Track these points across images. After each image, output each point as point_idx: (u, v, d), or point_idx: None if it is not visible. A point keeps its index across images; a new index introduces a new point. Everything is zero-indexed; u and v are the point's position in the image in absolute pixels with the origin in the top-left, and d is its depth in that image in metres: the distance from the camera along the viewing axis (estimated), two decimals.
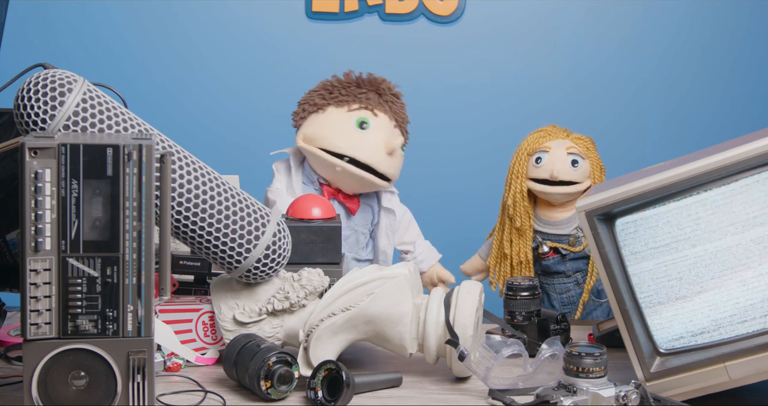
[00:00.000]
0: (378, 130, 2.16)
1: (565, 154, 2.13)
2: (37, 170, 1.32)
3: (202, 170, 1.61)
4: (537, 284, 1.85)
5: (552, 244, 2.18)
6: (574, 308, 2.19)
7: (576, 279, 2.20)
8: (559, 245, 2.17)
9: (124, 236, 1.35)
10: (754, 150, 1.41)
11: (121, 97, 1.74)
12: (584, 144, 2.17)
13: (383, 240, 2.23)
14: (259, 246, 1.63)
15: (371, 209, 2.25)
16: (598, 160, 2.17)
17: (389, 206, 2.24)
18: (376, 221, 2.24)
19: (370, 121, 2.16)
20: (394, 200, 2.27)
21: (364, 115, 2.16)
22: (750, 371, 1.43)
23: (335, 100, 2.18)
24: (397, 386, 1.64)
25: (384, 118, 2.18)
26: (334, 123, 2.16)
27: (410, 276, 1.66)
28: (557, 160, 2.13)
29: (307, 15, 3.42)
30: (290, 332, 1.71)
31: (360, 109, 2.17)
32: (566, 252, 2.17)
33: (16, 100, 1.50)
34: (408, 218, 2.32)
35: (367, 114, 2.16)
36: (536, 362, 1.57)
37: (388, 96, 2.20)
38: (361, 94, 2.18)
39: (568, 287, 2.22)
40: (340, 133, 2.14)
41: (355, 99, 2.18)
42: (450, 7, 3.40)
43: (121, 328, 1.36)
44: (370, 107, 2.17)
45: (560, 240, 2.18)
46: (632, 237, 1.50)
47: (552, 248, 2.18)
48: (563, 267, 2.20)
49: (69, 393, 1.35)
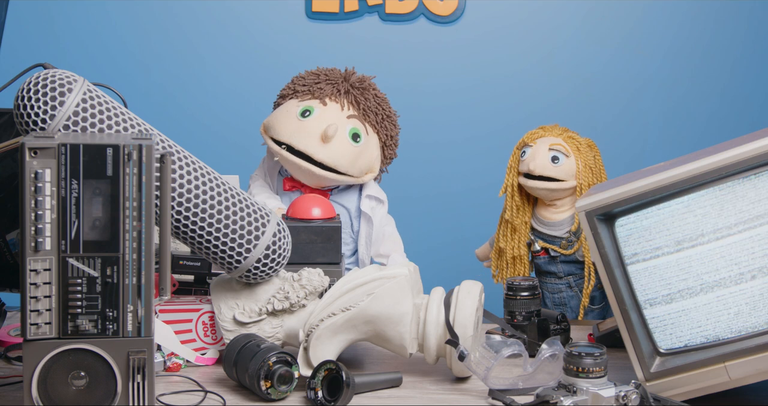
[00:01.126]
0: (319, 118, 2.11)
1: (547, 150, 2.14)
2: (37, 170, 1.32)
3: (202, 170, 1.61)
4: (537, 284, 1.86)
5: (543, 244, 2.19)
6: (566, 310, 2.20)
7: (568, 282, 2.21)
8: (550, 246, 2.19)
9: (124, 236, 1.35)
10: (754, 150, 1.41)
11: (121, 97, 1.74)
12: (575, 144, 2.15)
13: (361, 248, 2.18)
14: (259, 246, 1.63)
15: (347, 212, 2.18)
16: (590, 160, 2.15)
17: (368, 213, 2.17)
18: (357, 228, 2.19)
19: (314, 109, 2.12)
20: (378, 209, 2.20)
21: (310, 105, 2.13)
22: (750, 371, 1.43)
23: (296, 92, 2.17)
24: (397, 386, 1.64)
25: (334, 107, 2.13)
26: (282, 113, 2.15)
27: (410, 276, 1.66)
28: (538, 154, 2.14)
29: (307, 15, 3.42)
30: (290, 332, 1.71)
31: (310, 99, 2.15)
32: (556, 254, 2.19)
33: (16, 100, 1.50)
34: (389, 231, 2.24)
35: (314, 103, 2.13)
36: (536, 362, 1.57)
37: (347, 85, 2.16)
38: (316, 84, 2.16)
39: (559, 287, 2.23)
40: (283, 122, 2.13)
41: (308, 91, 2.16)
42: (450, 7, 3.40)
43: (121, 328, 1.36)
44: (320, 97, 2.14)
45: (552, 241, 2.19)
46: (632, 237, 1.50)
47: (543, 247, 2.20)
48: (554, 268, 2.21)
49: (69, 393, 1.35)
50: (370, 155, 2.17)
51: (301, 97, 2.16)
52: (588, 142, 2.19)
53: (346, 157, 2.11)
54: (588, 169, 2.15)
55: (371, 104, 2.16)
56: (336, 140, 2.10)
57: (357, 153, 2.13)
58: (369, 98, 2.16)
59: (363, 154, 2.14)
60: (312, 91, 2.15)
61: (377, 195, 2.20)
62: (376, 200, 2.20)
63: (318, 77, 2.18)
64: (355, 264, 2.20)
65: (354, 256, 2.21)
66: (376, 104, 2.17)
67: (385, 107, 2.19)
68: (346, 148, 2.11)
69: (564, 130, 2.21)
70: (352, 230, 2.19)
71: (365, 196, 2.18)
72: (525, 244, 2.20)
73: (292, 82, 2.21)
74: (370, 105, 2.16)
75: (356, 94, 2.15)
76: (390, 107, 2.21)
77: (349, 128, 2.12)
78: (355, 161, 2.13)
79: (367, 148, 2.15)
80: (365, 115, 2.16)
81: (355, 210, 2.19)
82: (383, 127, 2.18)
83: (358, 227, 2.18)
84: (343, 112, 2.14)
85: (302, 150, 2.09)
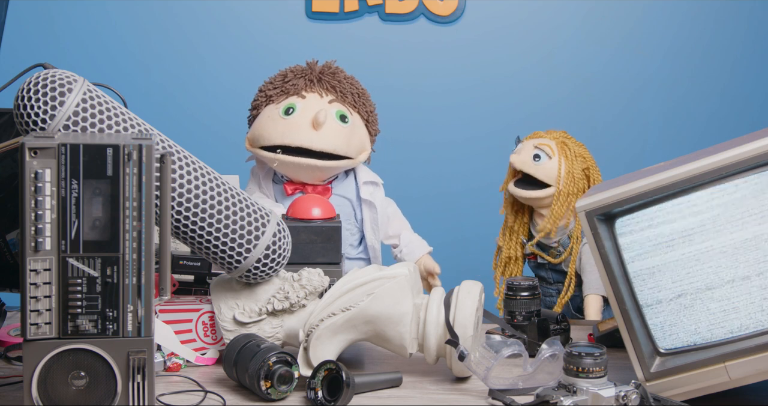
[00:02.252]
0: (303, 111, 2.14)
1: (532, 148, 2.16)
2: (37, 170, 1.32)
3: (202, 170, 1.61)
4: (537, 284, 1.86)
5: (533, 249, 2.22)
6: None
7: (558, 288, 2.24)
8: (539, 252, 2.22)
9: (124, 236, 1.35)
10: (754, 150, 1.41)
11: (121, 97, 1.74)
12: (565, 149, 2.15)
13: (369, 235, 2.21)
14: (259, 246, 1.63)
15: (349, 202, 2.22)
16: (575, 169, 2.14)
17: (369, 199, 2.21)
18: (360, 216, 2.22)
19: (296, 105, 2.15)
20: (376, 193, 2.23)
21: (290, 102, 2.16)
22: (750, 371, 1.43)
23: (269, 98, 2.20)
24: (397, 386, 1.64)
25: (313, 97, 2.17)
26: (264, 120, 2.17)
27: (410, 276, 1.66)
28: (522, 150, 2.17)
29: (307, 15, 3.42)
30: (290, 332, 1.71)
31: (287, 98, 2.17)
32: (543, 261, 2.22)
33: (16, 100, 1.50)
34: (392, 211, 2.29)
35: (293, 100, 2.16)
36: (536, 362, 1.57)
37: (317, 74, 2.19)
38: (287, 83, 2.19)
39: (550, 292, 2.26)
40: (269, 128, 2.15)
41: (282, 91, 2.18)
42: (450, 7, 3.41)
43: (121, 328, 1.36)
44: (296, 92, 2.17)
45: (543, 249, 2.21)
46: (632, 237, 1.50)
47: (532, 252, 2.23)
48: (543, 274, 2.25)
49: (69, 393, 1.35)
50: (360, 133, 2.21)
51: (277, 100, 2.19)
52: (583, 154, 2.17)
53: (341, 139, 2.14)
54: (570, 177, 2.13)
55: (345, 86, 2.21)
56: (327, 125, 2.13)
57: (349, 133, 2.17)
58: (341, 81, 2.21)
59: (354, 133, 2.19)
60: (286, 90, 2.18)
61: (372, 179, 2.25)
62: (373, 185, 2.24)
63: (285, 77, 2.21)
64: (364, 252, 2.23)
65: (361, 245, 2.22)
66: (349, 85, 2.21)
67: (357, 86, 2.24)
68: (339, 130, 2.15)
69: (563, 134, 2.21)
70: (356, 219, 2.22)
71: (362, 184, 2.22)
72: (521, 244, 2.23)
73: (260, 91, 2.24)
74: (344, 87, 2.20)
75: (329, 80, 2.20)
76: (361, 85, 2.25)
77: (335, 111, 2.16)
78: (349, 141, 2.16)
79: (355, 127, 2.20)
80: (344, 97, 2.20)
81: (356, 199, 2.22)
82: (362, 105, 2.23)
83: (361, 214, 2.21)
84: (323, 99, 2.18)
85: (299, 145, 2.12)
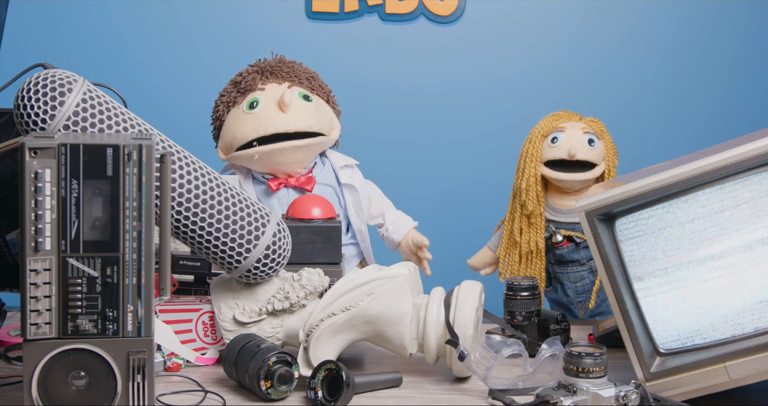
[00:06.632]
0: (267, 101, 2.16)
1: (582, 133, 2.13)
2: (37, 170, 1.32)
3: (202, 170, 1.61)
4: (537, 283, 1.85)
5: (566, 232, 2.15)
6: (589, 296, 2.17)
7: (590, 267, 2.17)
8: (573, 233, 2.15)
9: (124, 236, 1.35)
10: (754, 150, 1.41)
11: (121, 97, 1.74)
12: (598, 126, 2.16)
13: (354, 219, 2.22)
14: (259, 246, 1.63)
15: (332, 189, 2.22)
16: (611, 142, 2.17)
17: (348, 182, 2.22)
18: (344, 202, 2.23)
19: (259, 98, 2.16)
20: (354, 176, 2.25)
21: (251, 98, 2.17)
22: (750, 371, 1.43)
23: (227, 103, 2.21)
24: (397, 386, 1.64)
25: (271, 86, 2.19)
26: (232, 123, 2.18)
27: (410, 276, 1.66)
28: (574, 138, 2.12)
29: (307, 15, 3.42)
30: (290, 332, 1.71)
31: (246, 96, 2.19)
32: (580, 240, 2.14)
33: (16, 100, 1.50)
34: (372, 191, 2.30)
35: (253, 95, 2.18)
36: (536, 362, 1.57)
37: (269, 67, 2.22)
38: (242, 83, 2.20)
39: (582, 275, 2.19)
40: (238, 127, 2.16)
41: (238, 91, 2.20)
42: (450, 7, 3.40)
43: (121, 328, 1.36)
44: (253, 88, 2.19)
45: (574, 228, 2.15)
46: (632, 237, 1.50)
47: (566, 236, 2.15)
48: (577, 255, 2.17)
49: (69, 393, 1.35)
50: (326, 110, 2.23)
51: (238, 101, 2.20)
52: (601, 123, 2.19)
53: (311, 116, 2.16)
54: (612, 151, 2.16)
55: (298, 72, 2.23)
56: (294, 106, 2.15)
57: (316, 109, 2.19)
58: (293, 68, 2.24)
59: (320, 109, 2.21)
60: (243, 90, 2.20)
61: (347, 163, 2.26)
62: (349, 168, 2.26)
63: (236, 81, 2.23)
64: (353, 237, 2.24)
65: (349, 231, 2.24)
66: (301, 71, 2.24)
67: (308, 70, 2.26)
68: (306, 107, 2.17)
69: (576, 114, 2.20)
70: (341, 206, 2.23)
71: (339, 169, 2.24)
72: (543, 237, 2.17)
73: (217, 103, 2.25)
74: (297, 73, 2.23)
75: (281, 68, 2.22)
76: (310, 69, 2.28)
77: (297, 92, 2.18)
78: (319, 117, 2.18)
79: (319, 104, 2.21)
80: (300, 82, 2.22)
81: (337, 185, 2.24)
82: (318, 87, 2.25)
83: (344, 200, 2.23)
84: (282, 86, 2.19)
85: (274, 132, 2.13)
